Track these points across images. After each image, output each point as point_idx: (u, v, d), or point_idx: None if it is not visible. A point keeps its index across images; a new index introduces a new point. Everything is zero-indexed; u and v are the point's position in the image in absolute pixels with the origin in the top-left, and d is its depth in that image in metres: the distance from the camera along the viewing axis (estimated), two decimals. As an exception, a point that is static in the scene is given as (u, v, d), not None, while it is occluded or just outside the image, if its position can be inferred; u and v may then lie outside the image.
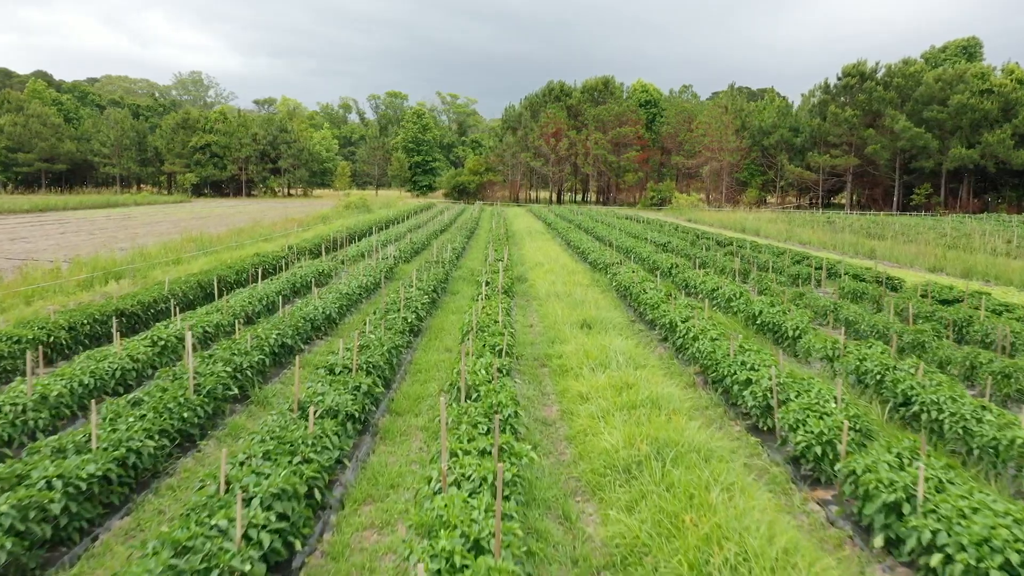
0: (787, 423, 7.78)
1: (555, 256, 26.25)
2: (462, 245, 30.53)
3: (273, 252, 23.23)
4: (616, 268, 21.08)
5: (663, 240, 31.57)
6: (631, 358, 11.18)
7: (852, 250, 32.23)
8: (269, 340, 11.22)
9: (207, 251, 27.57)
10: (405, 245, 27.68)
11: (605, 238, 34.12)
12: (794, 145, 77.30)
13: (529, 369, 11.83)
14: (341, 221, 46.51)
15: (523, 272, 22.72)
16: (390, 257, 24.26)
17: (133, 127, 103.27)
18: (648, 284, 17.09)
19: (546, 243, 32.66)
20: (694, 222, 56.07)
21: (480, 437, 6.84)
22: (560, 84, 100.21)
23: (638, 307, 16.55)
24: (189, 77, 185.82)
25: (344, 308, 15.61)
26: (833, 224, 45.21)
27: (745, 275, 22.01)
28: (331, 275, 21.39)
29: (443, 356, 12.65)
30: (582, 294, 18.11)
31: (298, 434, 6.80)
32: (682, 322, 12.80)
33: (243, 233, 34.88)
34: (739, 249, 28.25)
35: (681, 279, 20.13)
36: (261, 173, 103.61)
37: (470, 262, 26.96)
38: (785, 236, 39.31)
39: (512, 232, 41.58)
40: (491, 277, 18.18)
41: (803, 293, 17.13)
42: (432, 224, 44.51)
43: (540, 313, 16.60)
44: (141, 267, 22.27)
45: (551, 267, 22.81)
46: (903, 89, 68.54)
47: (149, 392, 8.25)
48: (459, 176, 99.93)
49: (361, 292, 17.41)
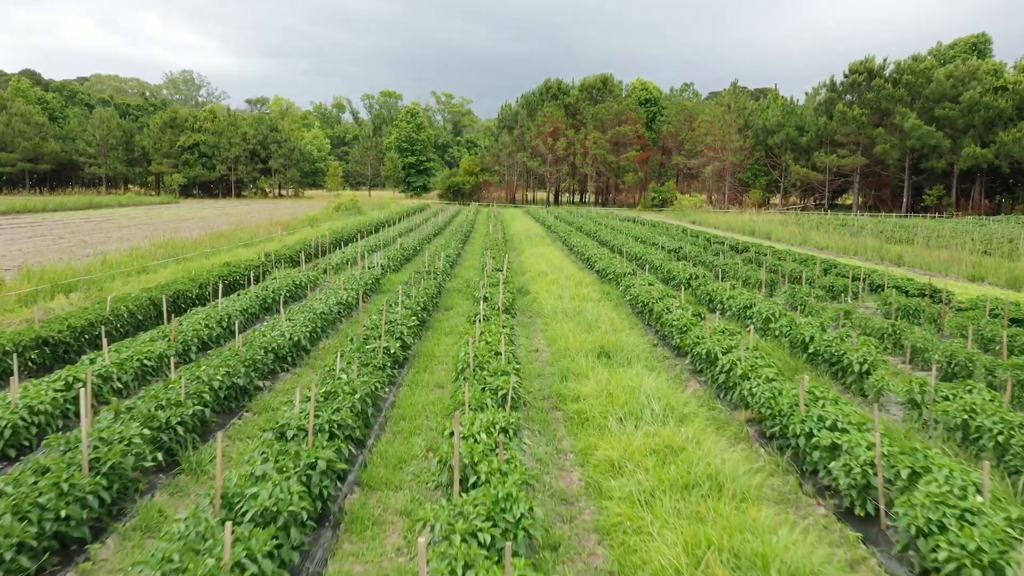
0: (911, 522, 5.53)
1: (559, 264, 24.00)
2: (456, 251, 28.27)
3: (246, 261, 20.91)
4: (629, 279, 18.83)
5: (674, 245, 29.35)
6: (668, 405, 8.91)
7: (876, 256, 30.06)
8: (215, 381, 8.93)
9: (178, 258, 25.24)
10: (395, 252, 25.40)
11: (610, 243, 31.89)
12: (799, 144, 75.05)
13: (538, 415, 9.57)
14: (330, 224, 44.20)
15: (524, 283, 20.47)
16: (377, 266, 21.98)
17: (120, 126, 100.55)
18: (671, 301, 14.84)
19: (547, 248, 30.41)
20: (699, 224, 53.91)
21: (481, 561, 4.59)
22: (558, 82, 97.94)
23: (660, 328, 14.30)
24: (180, 76, 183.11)
25: (319, 331, 13.32)
26: (849, 227, 43.05)
27: (772, 287, 19.79)
28: (310, 287, 19.09)
29: (433, 396, 10.38)
30: (593, 311, 15.85)
31: (209, 563, 4.52)
32: (723, 353, 10.56)
33: (222, 238, 32.54)
34: (759, 256, 26.03)
35: (704, 292, 17.88)
36: (251, 173, 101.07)
37: (465, 271, 24.69)
38: (799, 240, 37.12)
39: (510, 236, 39.34)
40: (489, 291, 15.93)
41: (849, 311, 14.90)
42: (425, 227, 42.22)
43: (547, 335, 14.34)
44: (98, 278, 19.91)
45: (555, 277, 20.55)
46: (913, 86, 66.34)
47: (20, 475, 5.96)
48: (454, 176, 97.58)
49: (340, 310, 15.13)
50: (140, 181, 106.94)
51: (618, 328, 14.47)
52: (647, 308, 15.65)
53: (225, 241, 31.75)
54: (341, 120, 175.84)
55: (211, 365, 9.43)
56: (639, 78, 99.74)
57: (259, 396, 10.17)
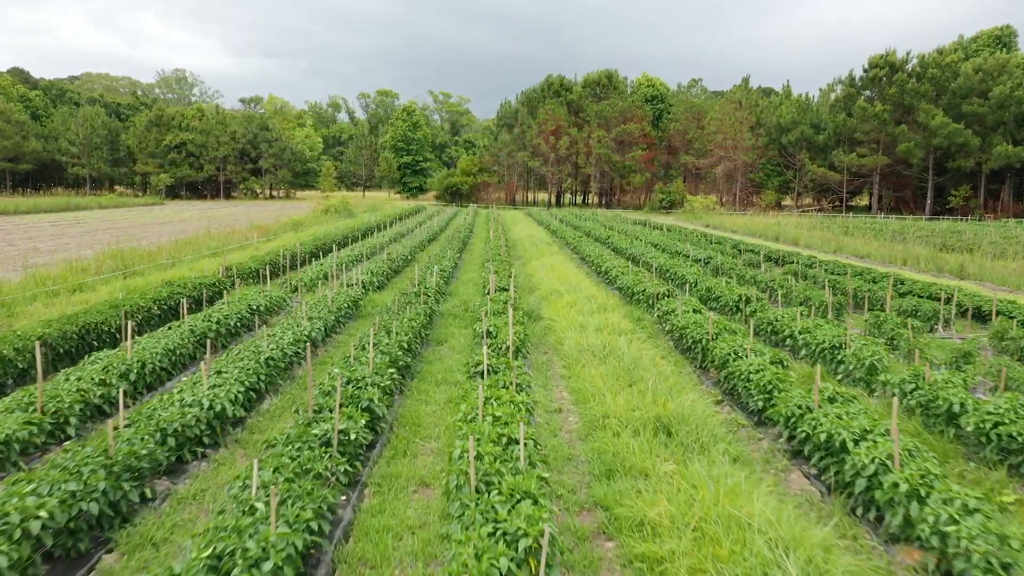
0: None
1: (574, 280, 20.36)
2: (453, 262, 24.63)
3: (195, 279, 17.22)
4: (666, 303, 15.19)
5: (701, 254, 25.72)
6: (812, 564, 5.25)
7: (931, 266, 26.44)
8: (32, 522, 5.28)
9: (128, 271, 21.57)
10: (381, 264, 21.74)
11: (626, 251, 28.26)
12: (816, 143, 71.21)
13: (585, 552, 5.95)
14: (316, 228, 40.51)
15: (535, 305, 16.82)
16: (357, 283, 18.32)
17: (105, 125, 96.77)
18: (736, 341, 11.20)
19: (556, 258, 26.76)
20: (715, 228, 50.29)
21: None
22: (560, 78, 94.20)
23: (725, 379, 10.66)
24: (173, 75, 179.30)
25: (262, 386, 9.67)
26: (889, 233, 39.39)
27: (839, 310, 16.17)
28: (269, 314, 15.43)
29: (413, 513, 6.72)
30: (628, 348, 12.20)
31: None
32: (853, 440, 6.96)
33: (189, 245, 28.85)
34: (805, 268, 22.39)
35: (763, 322, 14.26)
36: (240, 174, 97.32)
37: (463, 286, 21.06)
38: (833, 247, 33.47)
39: (513, 241, 35.69)
40: (493, 323, 12.31)
41: (969, 353, 11.26)
42: (420, 231, 38.58)
43: (573, 387, 10.72)
44: (13, 299, 16.23)
45: (572, 298, 16.90)
46: (938, 81, 62.55)
47: None
48: (451, 177, 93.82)
49: (299, 351, 11.48)
50: (126, 182, 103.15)
51: (664, 375, 10.83)
52: (700, 347, 12.02)
53: (191, 249, 28.08)
54: (337, 120, 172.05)
55: (53, 478, 5.79)
56: (645, 74, 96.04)
57: (142, 513, 6.52)
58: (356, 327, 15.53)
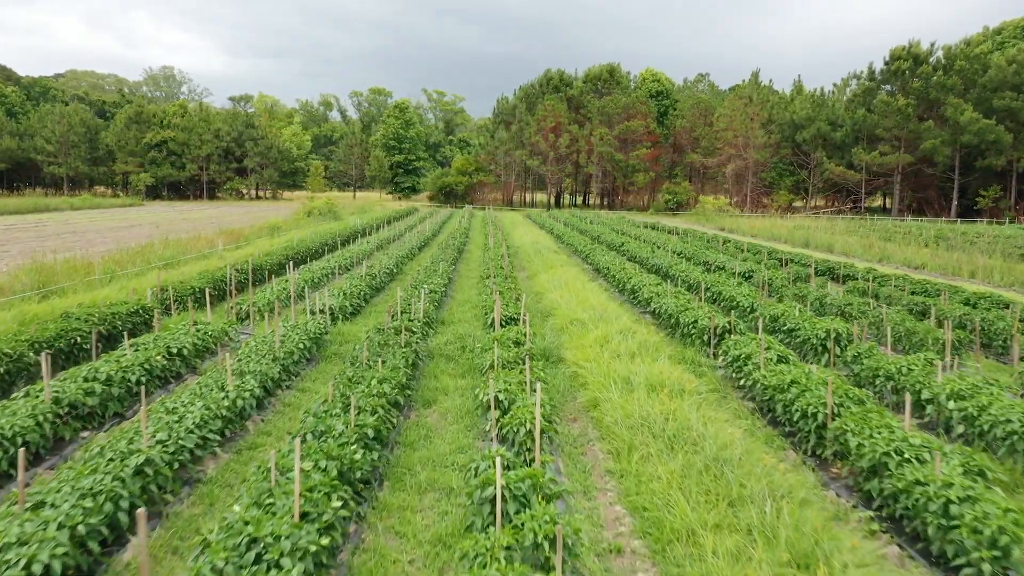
0: None
1: (596, 302, 16.37)
2: (446, 277, 20.66)
3: (108, 308, 13.15)
4: (734, 345, 11.22)
5: (740, 267, 21.81)
6: None
7: (1002, 280, 22.59)
8: None
9: (49, 291, 17.52)
10: (357, 282, 17.69)
11: (647, 261, 24.34)
12: (833, 140, 67.19)
13: None
14: (295, 233, 36.46)
15: (553, 342, 12.85)
16: (326, 309, 14.35)
17: (83, 122, 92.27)
18: (875, 419, 7.29)
19: (567, 271, 22.80)
20: (733, 232, 46.36)
21: None
22: (559, 73, 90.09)
23: (877, 490, 6.74)
24: (161, 72, 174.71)
25: (146, 496, 5.69)
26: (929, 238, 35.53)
27: (957, 347, 12.23)
28: (203, 355, 11.42)
29: None
30: (706, 428, 8.25)
31: None
32: None
33: (140, 255, 24.78)
34: (878, 286, 18.45)
35: (866, 372, 10.34)
36: (224, 173, 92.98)
37: (459, 309, 17.08)
38: (877, 255, 29.53)
39: (514, 249, 31.73)
40: (504, 384, 8.37)
41: None
42: (410, 237, 34.61)
43: (636, 508, 6.85)
44: None
45: (603, 333, 12.90)
46: (966, 74, 58.61)
47: None
48: (445, 177, 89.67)
49: (223, 427, 7.48)
50: (106, 182, 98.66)
51: (776, 482, 6.90)
52: (812, 425, 8.10)
53: (141, 260, 24.04)
54: (329, 118, 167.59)
55: None
56: (649, 68, 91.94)
57: None
58: (317, 373, 11.58)
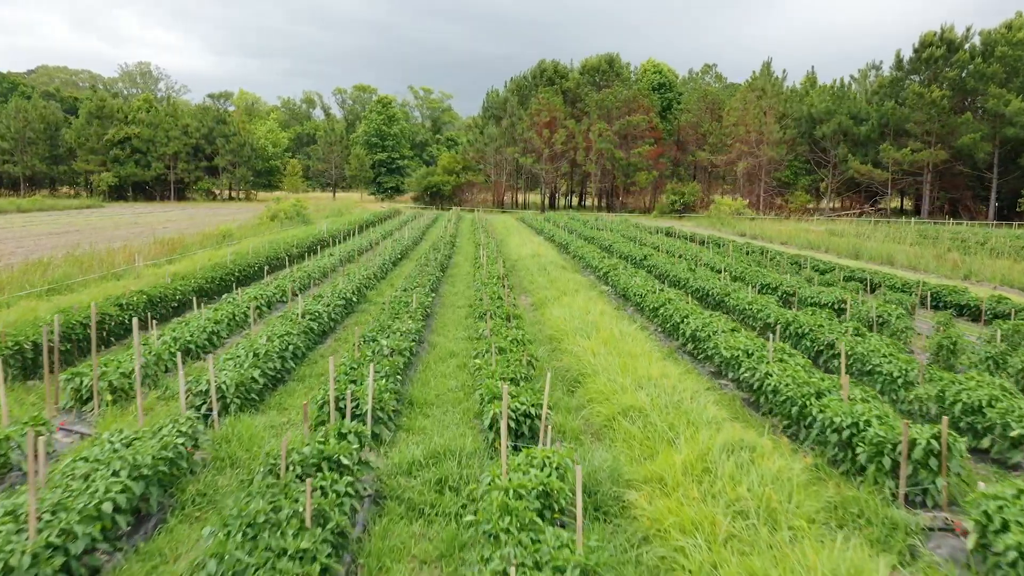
0: None
1: (642, 357, 10.57)
2: (423, 312, 14.77)
3: None
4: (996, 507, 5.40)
5: (824, 295, 16.06)
6: None
7: None
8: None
9: None
10: (285, 331, 11.68)
11: (690, 284, 18.55)
12: (856, 136, 61.63)
13: None
14: (248, 242, 30.50)
15: (604, 464, 7.00)
16: (212, 387, 8.47)
17: (42, 118, 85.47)
18: None
19: (586, 298, 16.99)
20: (757, 238, 40.68)
21: None
22: (554, 64, 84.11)
23: None
24: (136, 68, 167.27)
25: None
26: (1005, 248, 30.02)
27: None
28: None
29: None
30: None
31: None
32: None
33: (24, 275, 18.70)
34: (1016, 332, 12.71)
35: None
36: (194, 172, 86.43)
37: (436, 374, 11.21)
38: (962, 272, 23.95)
39: (512, 262, 25.88)
40: None
41: None
42: (385, 246, 28.70)
43: None
44: None
45: (694, 452, 7.09)
46: (1008, 60, 53.26)
47: None
48: (431, 176, 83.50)
49: None
50: (69, 181, 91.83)
51: None
52: None
53: (26, 280, 18.04)
54: (312, 116, 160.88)
55: None
56: (651, 59, 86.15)
57: None
58: (166, 537, 5.65)
